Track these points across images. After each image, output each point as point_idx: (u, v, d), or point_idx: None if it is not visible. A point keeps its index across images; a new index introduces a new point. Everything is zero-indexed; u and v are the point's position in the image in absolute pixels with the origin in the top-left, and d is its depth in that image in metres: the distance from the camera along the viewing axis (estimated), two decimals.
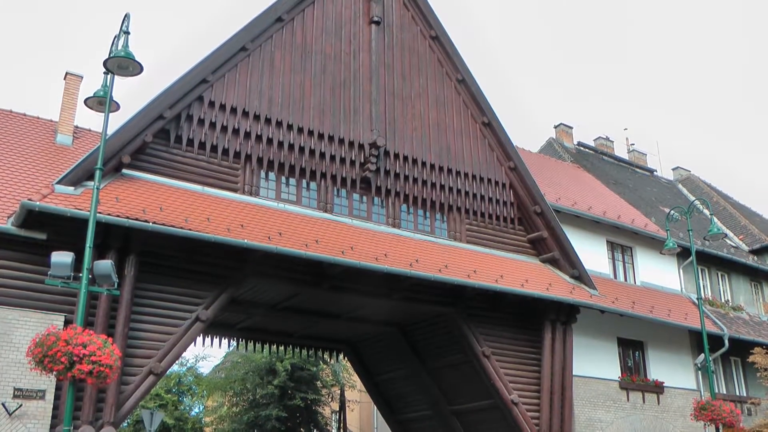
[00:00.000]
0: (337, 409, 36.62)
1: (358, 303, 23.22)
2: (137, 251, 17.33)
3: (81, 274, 13.82)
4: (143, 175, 18.88)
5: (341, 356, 30.50)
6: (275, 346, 28.33)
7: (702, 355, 25.03)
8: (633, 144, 46.75)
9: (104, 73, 15.67)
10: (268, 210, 20.46)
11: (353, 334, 27.72)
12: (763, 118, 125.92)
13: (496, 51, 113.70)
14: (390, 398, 28.62)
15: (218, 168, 20.24)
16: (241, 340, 27.48)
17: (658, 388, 28.19)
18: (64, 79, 23.64)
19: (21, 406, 15.59)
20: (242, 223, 18.66)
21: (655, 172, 46.09)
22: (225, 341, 27.17)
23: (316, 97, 22.15)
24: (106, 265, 14.10)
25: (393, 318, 25.43)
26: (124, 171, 18.53)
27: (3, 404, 15.41)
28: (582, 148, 42.01)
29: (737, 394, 31.77)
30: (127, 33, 15.02)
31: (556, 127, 41.52)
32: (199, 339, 23.89)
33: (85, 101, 15.64)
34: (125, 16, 15.21)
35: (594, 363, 26.40)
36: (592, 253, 28.21)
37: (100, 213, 15.66)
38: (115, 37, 15.21)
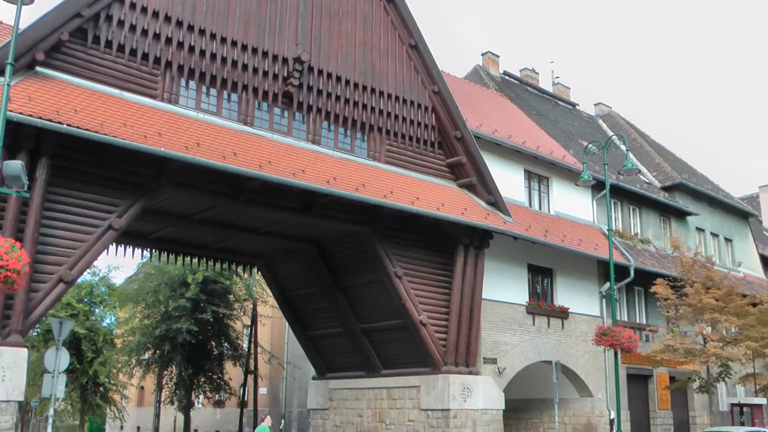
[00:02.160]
0: (249, 324, 36.71)
1: (274, 218, 23.16)
2: (50, 154, 16.91)
3: None
4: (58, 75, 18.25)
5: (255, 270, 30.49)
6: (189, 258, 28.05)
7: (608, 284, 25.82)
8: (558, 77, 47.28)
9: None
10: (187, 119, 20.12)
11: (268, 249, 27.69)
12: (683, 62, 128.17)
13: None
14: (302, 314, 28.84)
15: (137, 73, 19.69)
16: (155, 251, 27.10)
17: (563, 314, 29.10)
18: None
19: None
20: (160, 131, 18.33)
21: (577, 107, 46.71)
22: (138, 251, 26.74)
23: (241, 7, 21.61)
24: (16, 165, 13.52)
25: (309, 234, 25.49)
26: (38, 69, 17.88)
27: None
28: (507, 78, 42.27)
29: (638, 321, 33.08)
30: None
31: (483, 54, 41.61)
32: (112, 248, 23.53)
33: None
34: None
35: (504, 288, 27.04)
36: (509, 180, 28.59)
37: (10, 111, 15.10)
38: None
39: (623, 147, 29.37)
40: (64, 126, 16.31)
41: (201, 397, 39.23)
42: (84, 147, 17.32)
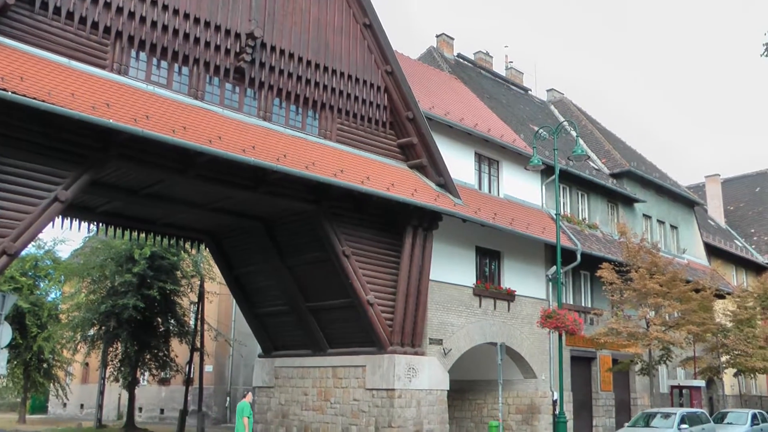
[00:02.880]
0: (196, 301, 36.42)
1: (223, 194, 22.95)
2: None
3: None
4: (4, 40, 17.83)
5: (203, 247, 30.27)
6: (136, 232, 27.68)
7: (554, 267, 26.07)
8: (512, 62, 47.60)
9: None
10: (137, 91, 19.86)
11: (216, 225, 27.48)
12: (639, 52, 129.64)
13: None
14: (249, 292, 28.72)
15: (86, 42, 19.35)
16: (102, 225, 26.74)
17: (509, 296, 29.34)
18: None
19: None
20: (108, 102, 18.06)
21: (529, 92, 47.03)
22: (84, 225, 26.32)
23: None
24: None
25: (257, 211, 25.36)
26: None
27: None
28: (461, 60, 42.40)
29: (583, 305, 33.55)
30: None
31: (437, 36, 41.72)
32: (58, 221, 23.16)
33: None
34: None
35: (451, 269, 27.19)
36: (459, 163, 28.71)
37: None
38: None
39: (573, 133, 29.74)
40: (9, 93, 15.97)
41: (146, 374, 38.94)
42: (30, 116, 17.02)
